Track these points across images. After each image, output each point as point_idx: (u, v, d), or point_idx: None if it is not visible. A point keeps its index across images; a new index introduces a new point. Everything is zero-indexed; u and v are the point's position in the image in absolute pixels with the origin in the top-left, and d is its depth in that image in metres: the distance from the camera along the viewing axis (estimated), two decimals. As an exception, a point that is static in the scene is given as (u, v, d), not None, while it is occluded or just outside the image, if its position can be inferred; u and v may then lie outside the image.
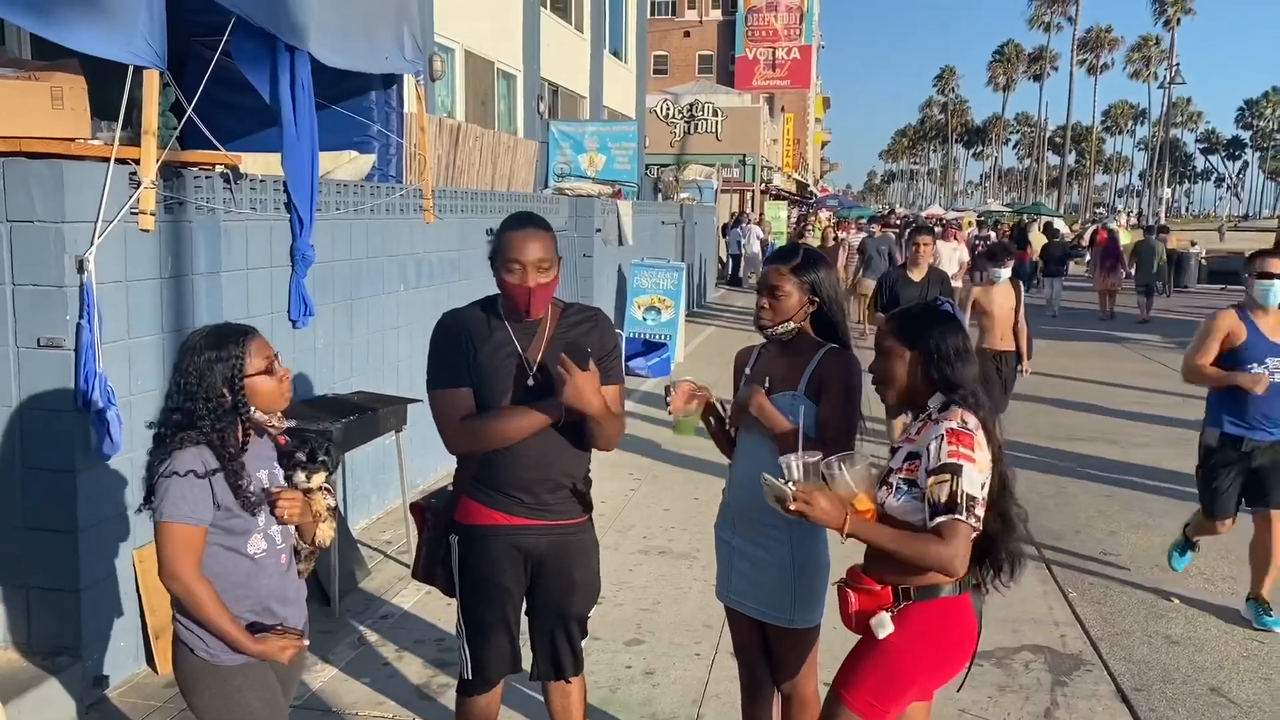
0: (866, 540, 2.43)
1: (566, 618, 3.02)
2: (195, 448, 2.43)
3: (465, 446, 2.88)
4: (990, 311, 7.27)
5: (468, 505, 2.94)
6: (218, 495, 2.45)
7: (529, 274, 2.78)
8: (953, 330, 2.55)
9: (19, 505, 3.83)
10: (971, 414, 2.46)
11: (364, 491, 6.11)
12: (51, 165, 3.71)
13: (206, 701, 2.55)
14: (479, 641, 2.97)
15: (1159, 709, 4.13)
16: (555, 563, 2.95)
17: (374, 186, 6.16)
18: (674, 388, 3.00)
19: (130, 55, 3.92)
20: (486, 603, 2.94)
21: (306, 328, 5.38)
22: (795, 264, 2.93)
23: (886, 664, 2.53)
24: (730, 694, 3.99)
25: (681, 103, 36.77)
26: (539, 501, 2.89)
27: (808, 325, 2.97)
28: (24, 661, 3.83)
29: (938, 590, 2.50)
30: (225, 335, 2.52)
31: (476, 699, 3.03)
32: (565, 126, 17.35)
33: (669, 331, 12.22)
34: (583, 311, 3.02)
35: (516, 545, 2.91)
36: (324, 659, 4.37)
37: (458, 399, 2.85)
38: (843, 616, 2.64)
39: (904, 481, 2.48)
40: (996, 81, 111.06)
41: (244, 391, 2.48)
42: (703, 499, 6.72)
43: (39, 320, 3.75)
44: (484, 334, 2.88)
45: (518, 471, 2.85)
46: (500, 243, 2.82)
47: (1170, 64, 36.62)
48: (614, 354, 2.97)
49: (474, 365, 2.85)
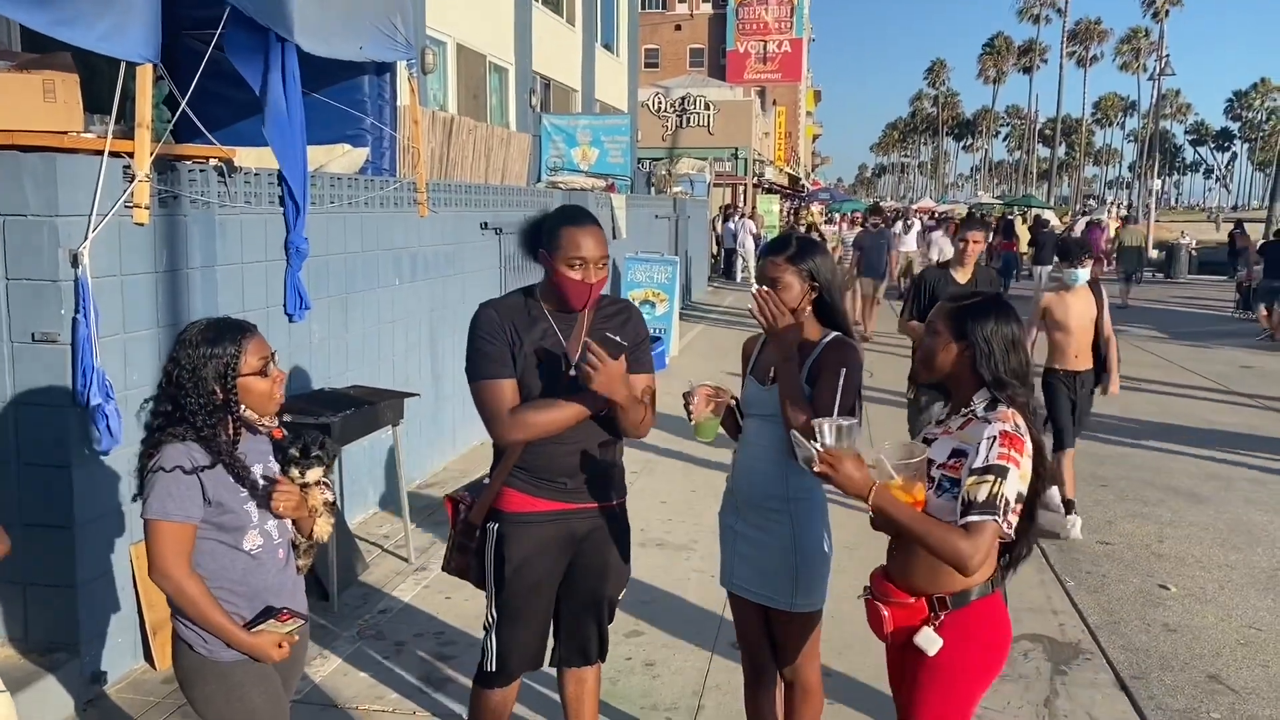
0: (890, 516, 2.33)
1: (600, 600, 3.08)
2: (183, 443, 2.41)
3: (516, 437, 2.86)
4: (1066, 324, 6.08)
5: (509, 494, 2.95)
6: (208, 491, 2.42)
7: (591, 271, 2.83)
8: (1006, 325, 2.46)
9: (15, 501, 3.80)
10: (1021, 415, 2.40)
11: (361, 486, 6.09)
12: (45, 158, 3.68)
13: (207, 697, 2.54)
14: (508, 631, 2.97)
15: (1158, 696, 4.14)
16: (593, 545, 3.01)
17: (368, 180, 6.14)
18: (694, 393, 2.97)
19: (123, 49, 3.89)
20: (525, 593, 2.95)
21: (303, 321, 5.35)
22: (791, 253, 2.93)
23: (943, 682, 2.47)
24: (730, 685, 3.99)
25: (673, 96, 36.75)
26: (579, 486, 2.95)
27: (811, 312, 2.96)
28: (21, 658, 3.81)
29: (968, 595, 2.45)
30: (223, 330, 2.49)
31: (494, 692, 3.02)
32: (558, 120, 17.31)
33: (664, 325, 12.21)
34: (615, 303, 3.09)
35: (560, 531, 2.96)
36: (323, 653, 4.36)
37: (505, 390, 2.85)
38: (875, 632, 2.58)
39: (947, 479, 2.40)
40: (987, 74, 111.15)
41: (236, 389, 2.45)
42: (700, 491, 6.72)
43: (33, 315, 3.72)
44: (526, 324, 2.90)
45: (559, 459, 2.91)
46: (561, 238, 2.83)
47: (1160, 56, 36.65)
48: (645, 344, 3.04)
49: (519, 355, 2.87)
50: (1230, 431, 9.04)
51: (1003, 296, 2.63)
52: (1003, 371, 2.42)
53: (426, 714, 3.90)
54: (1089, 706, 4.02)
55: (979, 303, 2.51)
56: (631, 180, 16.91)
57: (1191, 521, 6.43)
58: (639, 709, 3.96)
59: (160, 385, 2.49)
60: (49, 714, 3.71)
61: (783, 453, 2.89)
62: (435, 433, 7.23)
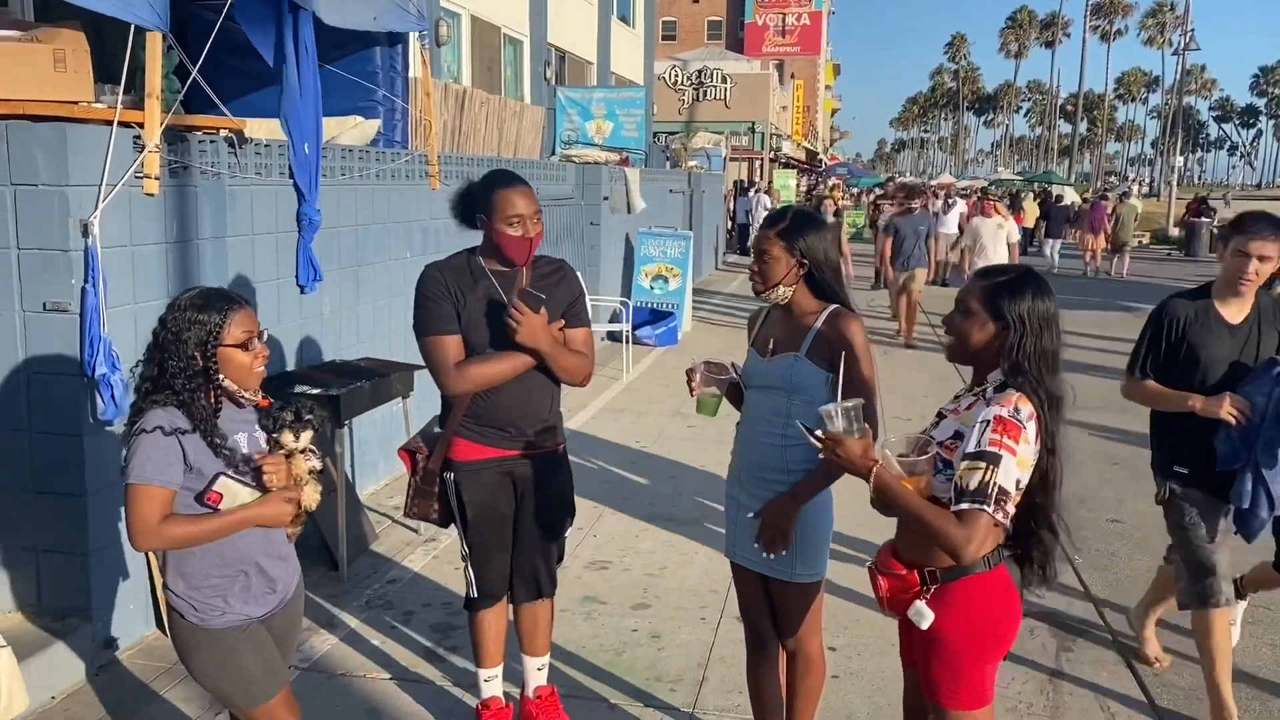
0: (890, 498, 2.34)
1: (547, 539, 3.37)
2: (164, 409, 2.42)
3: (462, 388, 3.12)
4: None
5: (460, 444, 3.23)
6: (189, 456, 2.42)
7: (528, 225, 3.12)
8: (1043, 301, 2.39)
9: (27, 469, 3.85)
10: (1028, 402, 2.33)
11: (371, 457, 6.13)
12: (55, 128, 3.69)
13: (203, 664, 2.57)
14: (482, 561, 3.32)
15: (1163, 674, 4.14)
16: (537, 488, 3.29)
17: (379, 152, 6.13)
18: (695, 370, 3.01)
19: (133, 15, 3.88)
20: (488, 527, 3.28)
21: (314, 293, 5.37)
22: (782, 227, 2.92)
23: (947, 655, 2.47)
24: (735, 657, 4.01)
25: (690, 69, 36.49)
26: (521, 434, 3.23)
27: (803, 287, 2.94)
28: (33, 624, 3.86)
29: (965, 569, 2.41)
30: (211, 299, 2.50)
31: (484, 613, 3.38)
32: (572, 93, 17.23)
33: (676, 300, 12.19)
34: (551, 263, 3.35)
35: (506, 474, 3.26)
36: (332, 622, 4.40)
37: (450, 345, 3.11)
38: (878, 601, 2.60)
39: (941, 461, 2.39)
40: (1008, 48, 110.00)
41: (215, 358, 2.46)
42: (709, 467, 6.73)
43: (45, 285, 3.74)
44: (469, 283, 3.16)
45: (502, 409, 3.18)
46: (497, 199, 3.11)
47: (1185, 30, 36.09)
48: (580, 301, 3.32)
49: (464, 312, 3.12)
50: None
51: (1036, 272, 2.50)
52: (1030, 352, 2.35)
53: (434, 681, 3.94)
54: (1094, 683, 4.02)
55: (1015, 279, 2.43)
56: (646, 154, 16.83)
57: (1203, 500, 6.39)
58: (644, 680, 3.98)
59: (148, 347, 2.51)
60: (61, 679, 3.77)
61: (781, 425, 2.90)
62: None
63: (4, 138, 3.67)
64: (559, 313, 3.20)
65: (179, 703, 3.73)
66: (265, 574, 2.59)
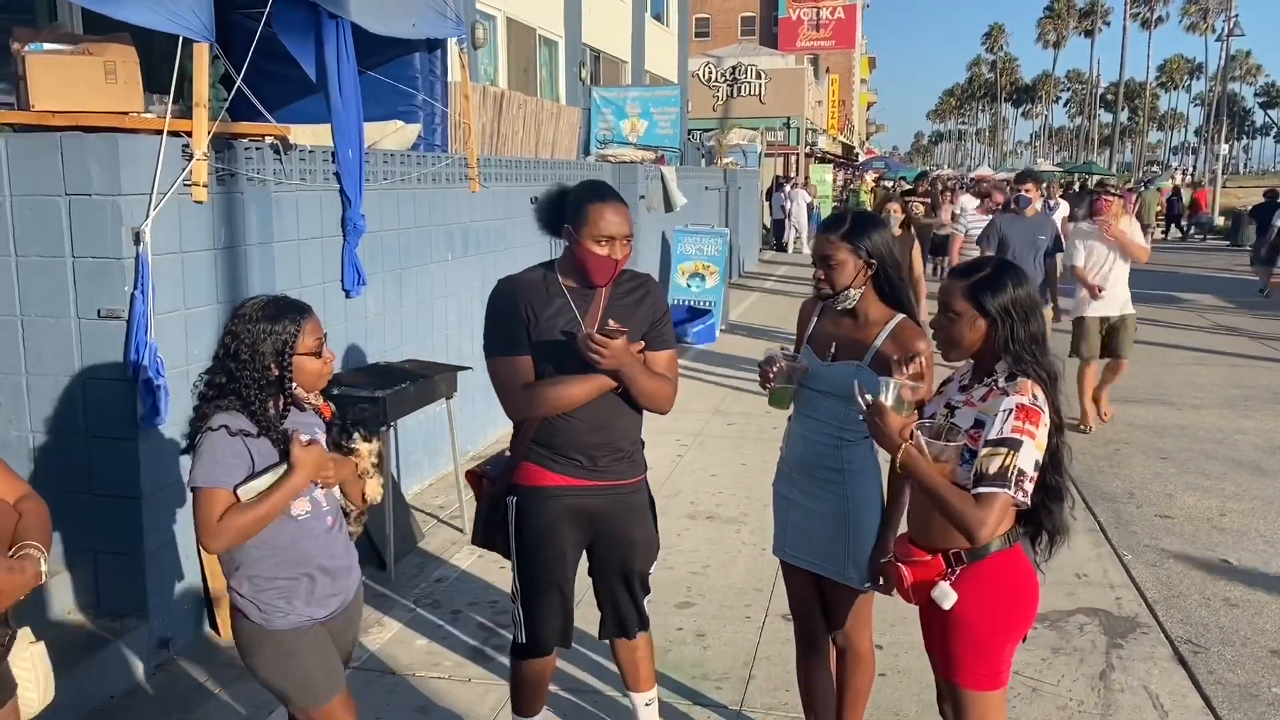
0: (914, 474, 2.44)
1: (628, 575, 3.10)
2: (226, 413, 2.46)
3: (529, 413, 2.92)
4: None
5: (527, 469, 2.99)
6: (256, 461, 2.46)
7: (616, 248, 2.84)
8: (1020, 289, 2.50)
9: (85, 472, 3.93)
10: (1040, 387, 2.44)
11: (416, 458, 6.19)
12: (107, 139, 3.77)
13: (264, 664, 2.62)
14: (534, 605, 3.03)
15: (1217, 671, 4.08)
16: (613, 522, 3.02)
17: (420, 156, 6.19)
18: (775, 359, 2.96)
19: (180, 27, 3.95)
20: (543, 564, 2.99)
21: (359, 296, 5.44)
22: (845, 230, 2.90)
23: (969, 634, 2.53)
24: (781, 656, 4.01)
25: (724, 66, 36.37)
26: (596, 464, 2.96)
27: (870, 290, 2.93)
28: (93, 624, 3.95)
29: (987, 549, 2.50)
30: (283, 309, 2.54)
31: (530, 663, 3.12)
32: (607, 92, 17.23)
33: (713, 298, 12.18)
34: (635, 279, 3.05)
35: (576, 506, 2.97)
36: (381, 621, 4.46)
37: (519, 366, 2.89)
38: (900, 592, 2.65)
39: (967, 449, 2.46)
40: (1047, 38, 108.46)
41: (291, 366, 2.51)
42: (750, 465, 6.72)
43: (99, 292, 3.82)
44: (543, 300, 2.91)
45: (576, 435, 2.92)
46: (588, 214, 2.83)
47: (1229, 15, 35.43)
48: (665, 319, 3.04)
49: (534, 332, 2.88)
50: (1298, 403, 8.80)
51: (1008, 261, 2.66)
52: (1025, 341, 2.46)
53: (482, 679, 3.98)
54: (1145, 680, 3.98)
55: (991, 274, 2.52)
56: (681, 152, 16.80)
57: (1256, 495, 6.29)
58: (690, 679, 3.99)
59: (216, 356, 2.54)
60: (120, 678, 3.85)
61: (837, 429, 2.90)
62: (487, 405, 7.26)
63: (59, 149, 3.75)
64: (640, 333, 2.94)
65: (234, 701, 3.80)
66: (330, 576, 2.63)
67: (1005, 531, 2.50)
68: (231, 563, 2.58)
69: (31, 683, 2.32)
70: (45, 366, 3.89)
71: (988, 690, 2.55)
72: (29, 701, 2.32)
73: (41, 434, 3.94)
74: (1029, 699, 3.82)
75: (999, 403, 2.43)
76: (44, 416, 3.92)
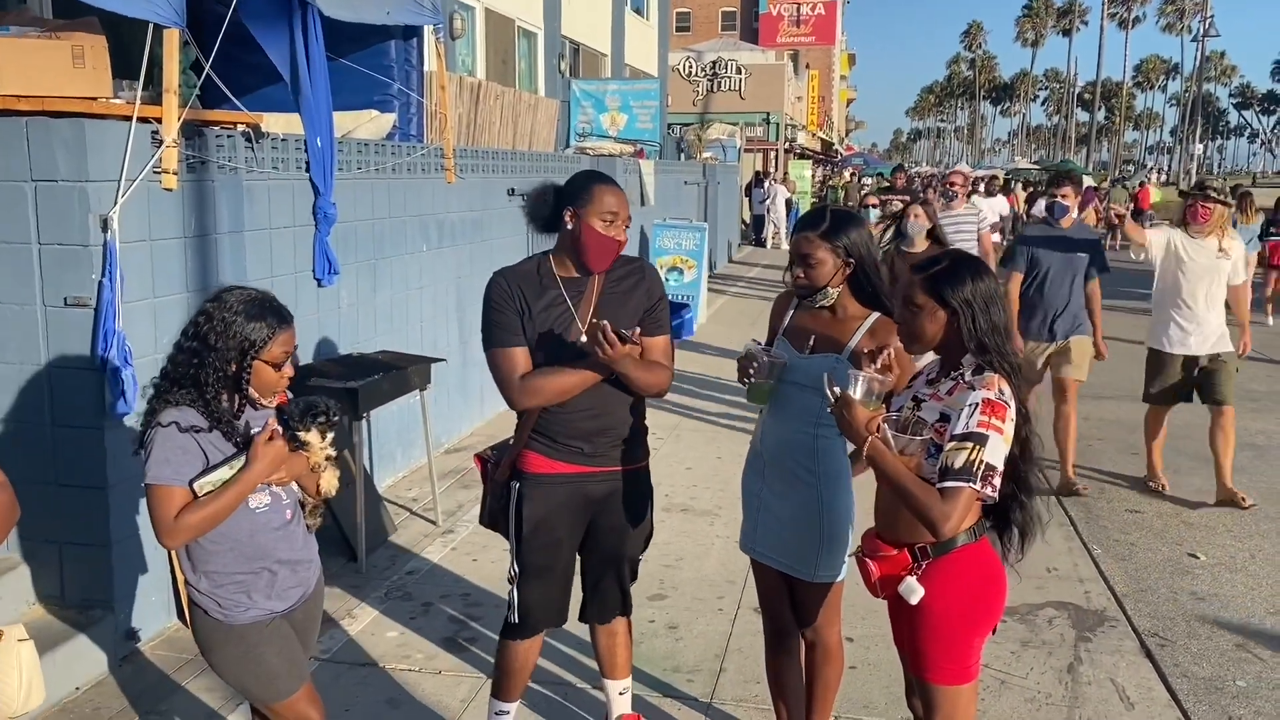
0: (880, 466, 2.45)
1: (620, 559, 3.17)
2: (176, 408, 2.41)
3: (528, 403, 2.95)
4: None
5: (529, 456, 3.04)
6: (210, 456, 2.43)
7: (619, 228, 2.91)
8: (982, 281, 2.50)
9: (50, 462, 3.88)
10: (1006, 380, 2.45)
11: (390, 450, 6.16)
12: (74, 124, 3.72)
13: (225, 660, 2.59)
14: (530, 586, 3.08)
15: (1183, 664, 4.12)
16: (612, 506, 3.08)
17: (395, 146, 6.14)
18: (754, 355, 2.94)
19: (149, 12, 3.90)
20: (542, 548, 3.04)
21: (331, 286, 5.40)
22: (824, 229, 2.89)
23: (937, 629, 2.53)
24: (752, 648, 4.01)
25: (704, 60, 36.34)
26: (597, 450, 3.01)
27: (846, 288, 2.93)
28: (57, 616, 3.90)
29: (953, 543, 2.50)
30: (264, 311, 2.47)
31: (518, 643, 3.14)
32: (586, 85, 17.21)
33: (691, 292, 12.19)
34: (628, 264, 3.07)
35: (576, 493, 3.04)
36: (351, 613, 4.43)
37: (517, 357, 2.94)
38: (868, 586, 2.65)
39: (933, 444, 2.46)
40: (1025, 37, 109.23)
41: (250, 368, 2.46)
42: (725, 458, 6.73)
43: (66, 280, 3.77)
44: (537, 292, 2.96)
45: (576, 422, 2.97)
46: (593, 193, 2.90)
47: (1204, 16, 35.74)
48: (660, 304, 3.07)
49: (529, 323, 2.93)
50: (1268, 399, 8.90)
51: (967, 254, 2.68)
52: (986, 331, 2.47)
53: (453, 671, 3.97)
54: (1112, 673, 4.01)
55: (950, 266, 2.53)
56: (660, 146, 16.80)
57: (1224, 490, 6.34)
58: (662, 671, 3.99)
59: (184, 334, 2.49)
60: (86, 670, 3.80)
61: (812, 423, 2.90)
62: (462, 397, 7.28)
63: (24, 134, 3.70)
64: (635, 319, 2.96)
65: (201, 693, 3.76)
66: (290, 568, 2.61)
67: (971, 525, 2.51)
68: (189, 558, 2.55)
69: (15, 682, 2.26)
70: (10, 355, 3.84)
71: (957, 684, 2.56)
72: (8, 700, 2.26)
73: (5, 423, 3.89)
74: (998, 692, 3.84)
75: (965, 397, 2.44)
76: (8, 405, 3.87)
